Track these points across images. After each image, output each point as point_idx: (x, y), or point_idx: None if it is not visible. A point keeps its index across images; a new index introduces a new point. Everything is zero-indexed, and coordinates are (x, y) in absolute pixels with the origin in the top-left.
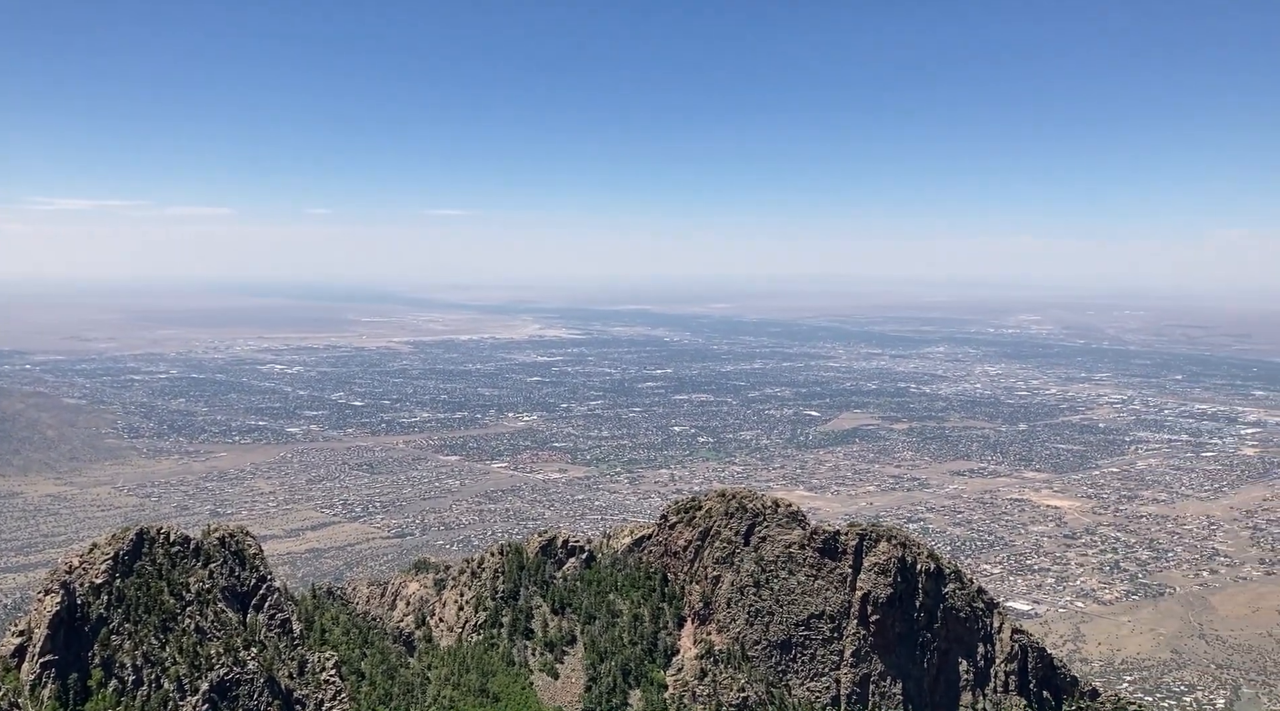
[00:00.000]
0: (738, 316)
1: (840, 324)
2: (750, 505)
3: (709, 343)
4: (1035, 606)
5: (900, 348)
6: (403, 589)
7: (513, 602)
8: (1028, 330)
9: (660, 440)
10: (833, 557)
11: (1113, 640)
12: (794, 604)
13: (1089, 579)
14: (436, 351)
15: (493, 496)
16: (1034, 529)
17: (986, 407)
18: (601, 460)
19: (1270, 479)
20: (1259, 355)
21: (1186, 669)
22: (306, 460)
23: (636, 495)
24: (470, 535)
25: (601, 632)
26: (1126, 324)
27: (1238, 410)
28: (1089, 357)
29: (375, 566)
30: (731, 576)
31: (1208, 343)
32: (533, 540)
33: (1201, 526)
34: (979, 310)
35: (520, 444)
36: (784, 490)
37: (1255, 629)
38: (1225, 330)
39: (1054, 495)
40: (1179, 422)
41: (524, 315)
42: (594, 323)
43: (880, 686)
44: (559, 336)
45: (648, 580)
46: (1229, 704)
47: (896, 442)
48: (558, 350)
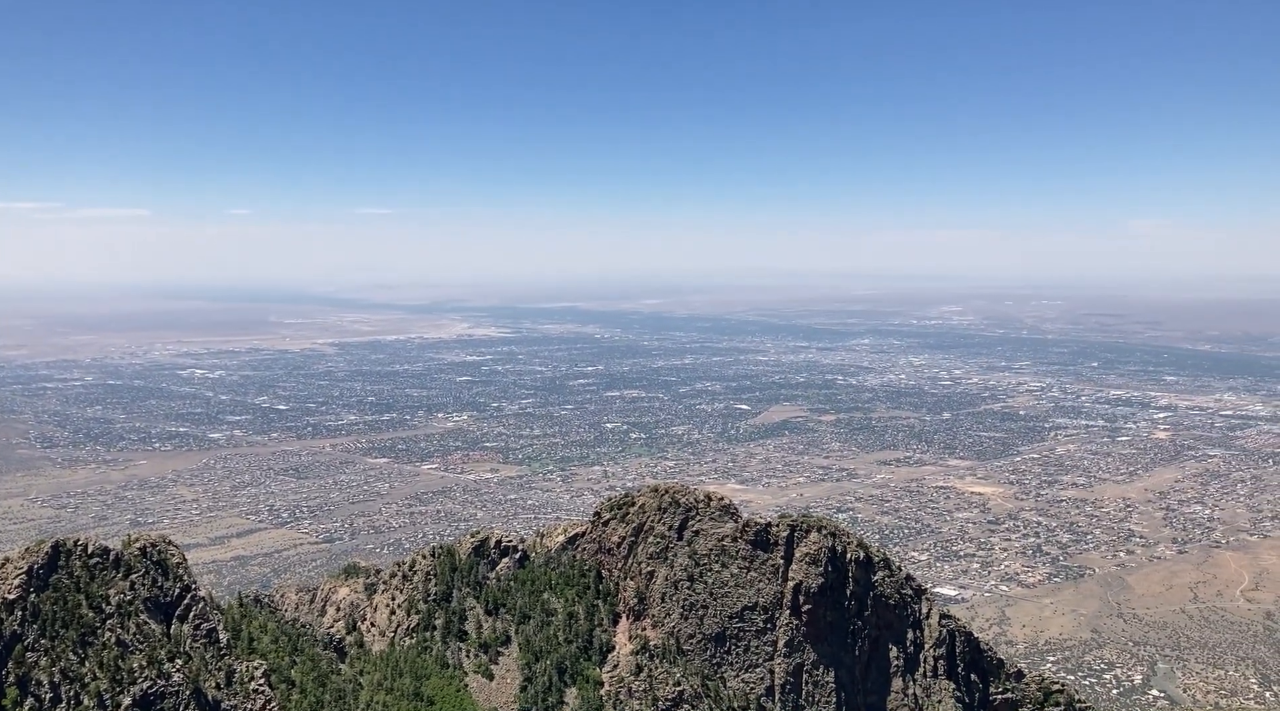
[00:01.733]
0: (668, 312)
1: (768, 318)
2: (683, 500)
3: (639, 339)
4: (962, 591)
5: (827, 340)
6: (332, 594)
7: (445, 605)
8: (950, 321)
9: (592, 437)
10: (765, 549)
11: (1036, 622)
12: (727, 596)
13: (1013, 563)
14: (363, 352)
15: (423, 498)
16: (959, 516)
17: (911, 398)
18: (534, 459)
19: (1181, 461)
20: (1170, 342)
21: (1106, 647)
22: (230, 466)
23: (569, 493)
24: (401, 538)
25: (536, 632)
26: (1044, 313)
27: (1150, 395)
28: (1009, 347)
29: (304, 572)
30: (665, 571)
31: (1121, 330)
32: (465, 541)
33: (1118, 509)
34: (903, 302)
35: (451, 444)
36: (716, 484)
37: (1169, 606)
38: (1138, 318)
39: (978, 482)
40: (1095, 409)
41: (452, 314)
42: (524, 321)
43: (813, 675)
44: (488, 335)
45: (582, 578)
46: (1146, 679)
47: (825, 434)
48: (487, 349)
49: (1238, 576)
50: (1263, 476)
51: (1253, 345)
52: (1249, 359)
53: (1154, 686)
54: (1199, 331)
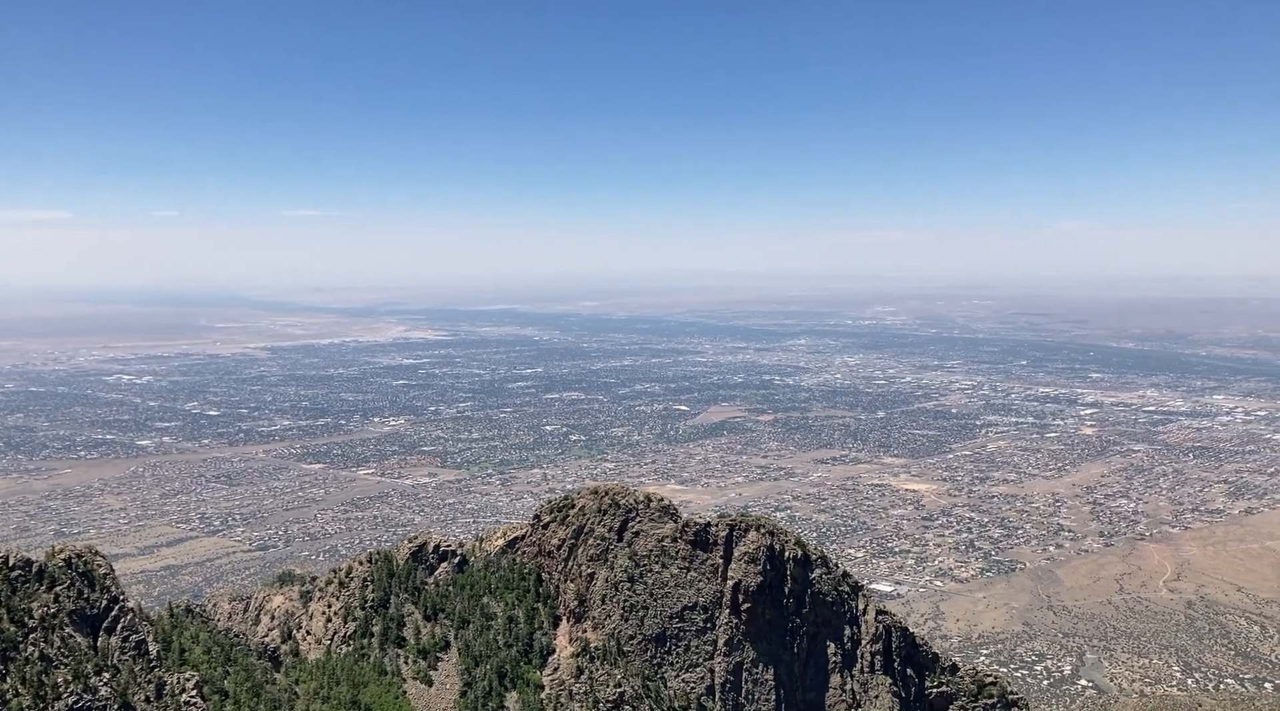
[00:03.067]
0: (606, 314)
1: (706, 319)
2: (623, 501)
3: (578, 340)
4: (897, 587)
5: (764, 341)
6: (267, 603)
7: (383, 611)
8: (884, 321)
9: (532, 440)
10: (704, 549)
11: (970, 616)
12: (668, 597)
13: (946, 558)
14: (296, 356)
15: (359, 504)
16: (894, 512)
17: (847, 397)
18: (472, 462)
19: (1107, 456)
20: (1095, 340)
21: (1037, 639)
22: (159, 474)
23: (509, 496)
24: (337, 544)
25: (476, 636)
26: (975, 313)
27: (1077, 392)
28: (941, 346)
29: (237, 581)
30: (606, 573)
31: (1049, 329)
32: (403, 546)
33: (1047, 503)
34: (838, 303)
35: (387, 449)
36: (656, 485)
37: (1097, 598)
38: (1065, 317)
39: (912, 479)
40: (1025, 406)
41: (388, 317)
42: (461, 323)
43: (753, 673)
44: (425, 338)
45: (522, 581)
46: (1075, 669)
47: (763, 434)
48: (424, 352)
49: (1161, 567)
50: (1184, 470)
51: (1174, 343)
52: (1170, 356)
53: (1083, 676)
54: (1123, 330)
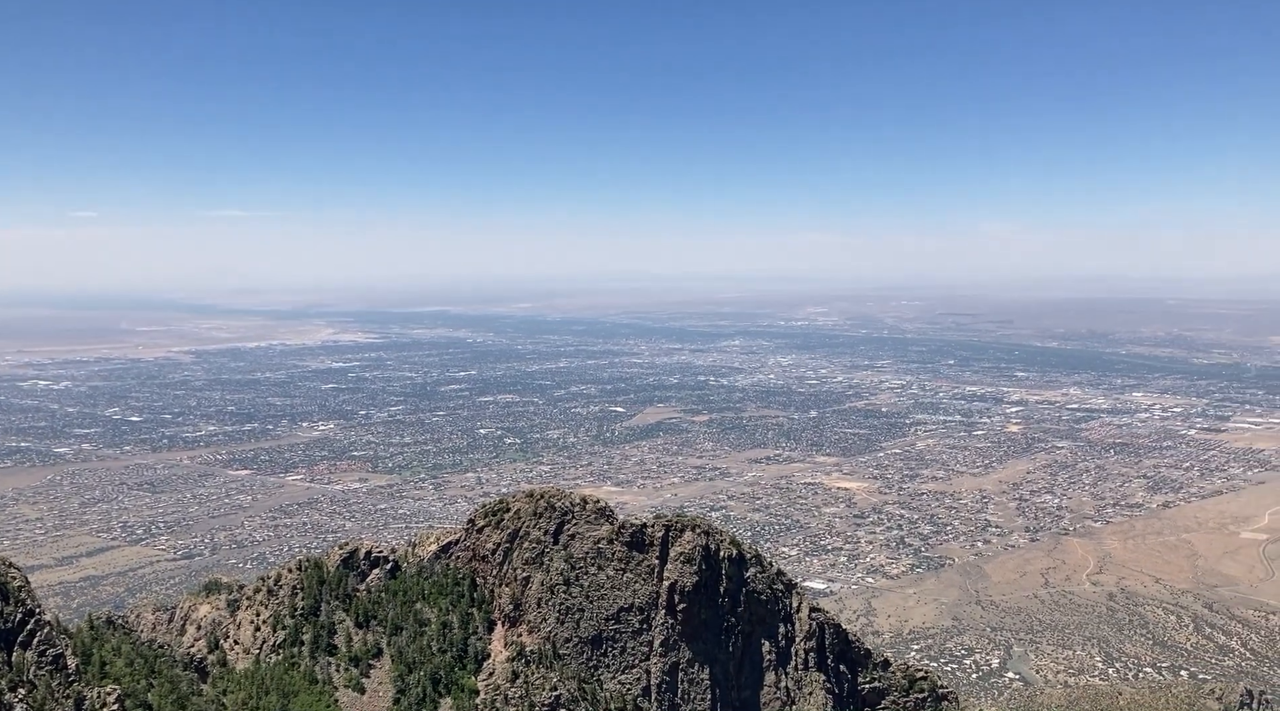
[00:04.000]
0: (541, 316)
1: (642, 320)
2: (558, 504)
3: (513, 343)
4: (830, 584)
5: (699, 342)
6: (192, 612)
7: (314, 619)
8: (815, 322)
9: (465, 443)
10: (640, 550)
11: (901, 611)
12: (604, 599)
13: (878, 555)
14: (222, 360)
15: (288, 510)
16: (827, 510)
17: (780, 397)
18: (404, 467)
19: (1032, 453)
20: (1020, 340)
21: (966, 634)
22: (79, 482)
23: (442, 501)
24: (265, 552)
25: (409, 643)
26: (904, 314)
27: (1003, 391)
28: (871, 346)
29: (161, 591)
30: (541, 576)
31: (975, 329)
32: (333, 553)
33: (975, 500)
34: (771, 304)
35: (316, 454)
36: (592, 487)
37: (1023, 592)
38: (990, 317)
39: (844, 477)
40: (952, 404)
41: (317, 320)
42: (392, 325)
43: (689, 673)
44: (355, 341)
45: (456, 586)
46: (1003, 662)
47: (698, 434)
48: (354, 355)
49: (1084, 561)
50: (1105, 466)
51: (1095, 342)
52: (1092, 355)
53: (1010, 669)
54: (1047, 329)
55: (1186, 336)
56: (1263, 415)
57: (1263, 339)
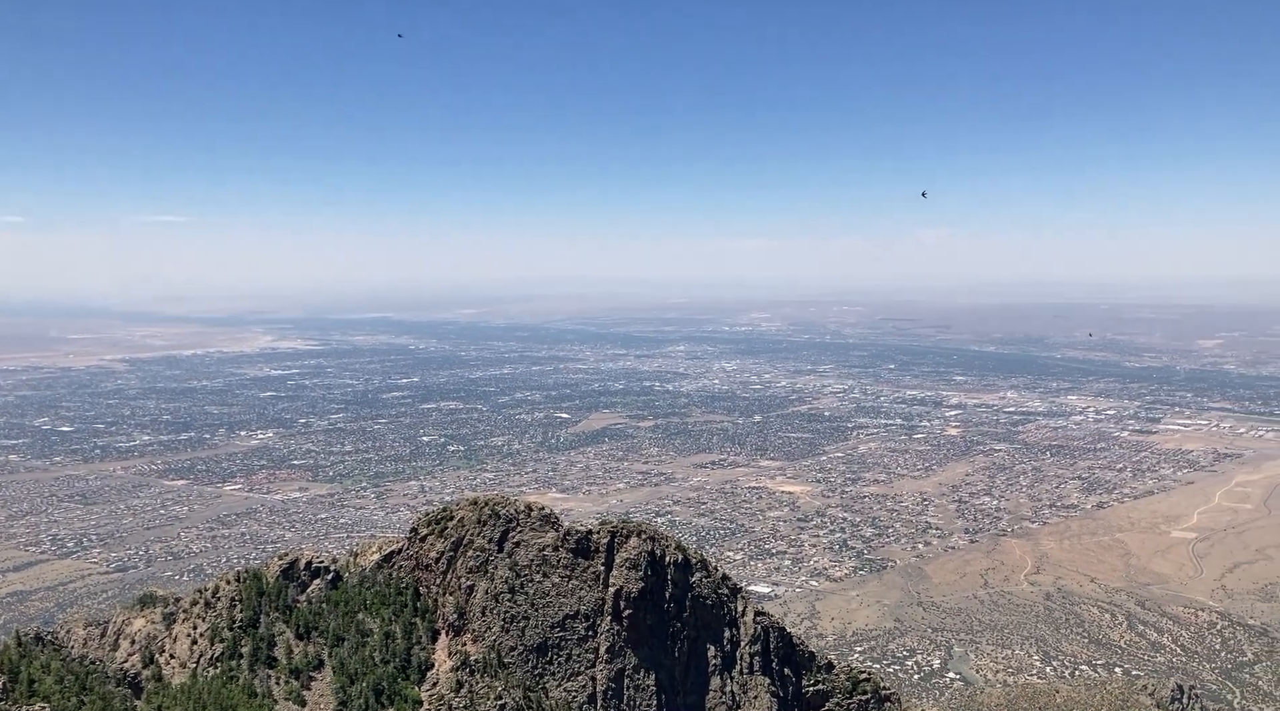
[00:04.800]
0: (485, 321)
1: (587, 326)
2: (503, 511)
3: (456, 349)
4: (775, 588)
5: (644, 347)
6: (126, 627)
7: (253, 631)
8: (759, 327)
9: (408, 451)
10: (586, 557)
11: (844, 614)
12: (549, 606)
13: (821, 558)
14: (157, 368)
15: (226, 521)
16: (771, 514)
17: (725, 402)
18: (345, 475)
19: (971, 456)
20: (959, 344)
21: (908, 635)
22: (6, 494)
23: (384, 509)
24: (202, 563)
25: (351, 654)
26: (845, 319)
27: (942, 395)
28: (813, 351)
29: (93, 605)
30: (486, 584)
31: (915, 334)
32: (273, 563)
33: (916, 502)
34: (715, 310)
35: (255, 463)
36: (537, 493)
37: (963, 593)
38: (930, 322)
39: (788, 481)
40: (893, 408)
41: (255, 326)
42: (333, 332)
43: (634, 679)
44: (294, 348)
45: (399, 596)
46: (944, 662)
47: (643, 440)
48: (293, 362)
49: (1022, 562)
50: (1042, 468)
51: (1031, 346)
52: (1028, 359)
53: (951, 669)
54: (984, 334)
55: (1119, 341)
56: (1191, 417)
57: (1191, 342)
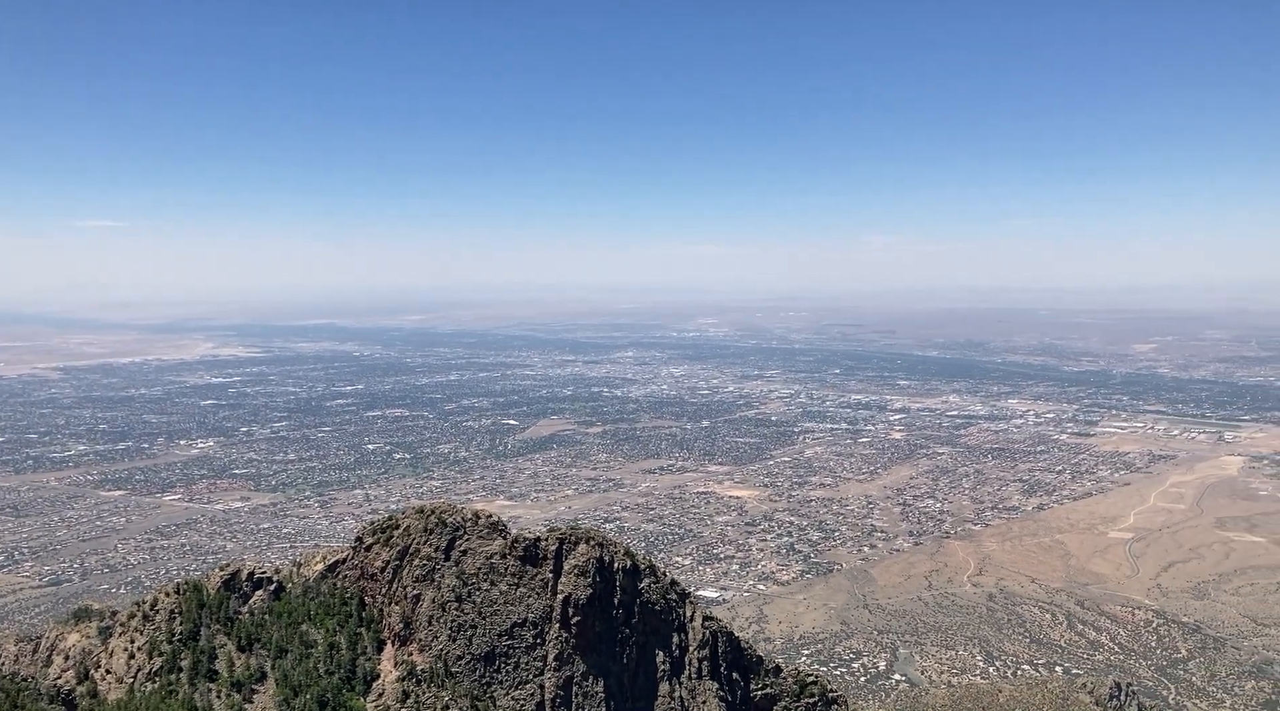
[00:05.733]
0: (431, 328)
1: (535, 332)
2: (450, 519)
3: (402, 356)
4: (723, 592)
5: (593, 353)
6: (60, 642)
7: (193, 644)
8: (707, 333)
9: (353, 459)
10: (534, 564)
11: (791, 617)
12: (497, 614)
13: (769, 562)
14: (93, 377)
15: (165, 532)
16: (719, 519)
17: (673, 407)
18: (289, 484)
19: (915, 459)
20: (903, 349)
21: (854, 637)
22: None
23: (329, 519)
24: (141, 576)
25: (294, 665)
26: (791, 324)
27: (886, 399)
28: (761, 356)
29: (25, 620)
30: (433, 593)
31: (860, 339)
32: (214, 575)
33: (861, 506)
34: (663, 315)
35: (195, 473)
36: (484, 501)
37: (908, 595)
38: (874, 327)
39: (735, 486)
40: (839, 412)
41: (195, 333)
42: (275, 339)
43: (583, 686)
44: (236, 355)
45: (344, 606)
46: (889, 665)
47: (592, 445)
48: (235, 370)
49: (965, 563)
50: (984, 470)
51: (972, 350)
52: (969, 363)
53: (896, 671)
54: (927, 339)
55: (1058, 345)
56: (1127, 420)
57: (1126, 346)
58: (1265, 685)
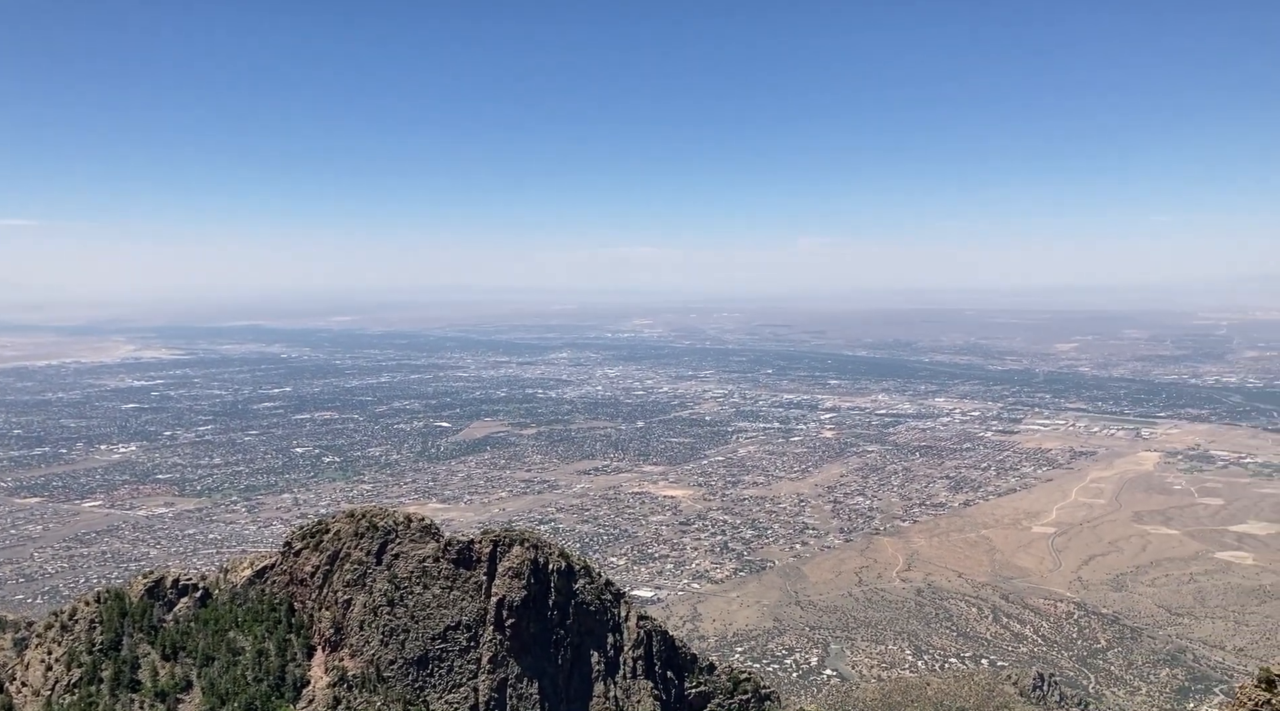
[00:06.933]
0: (361, 329)
1: (467, 334)
2: (381, 523)
3: (331, 358)
4: (658, 592)
5: (527, 355)
6: None
7: (115, 654)
8: (641, 334)
9: (281, 463)
10: (467, 567)
11: (725, 615)
12: (430, 618)
13: (703, 561)
14: (6, 380)
15: (85, 539)
16: (654, 519)
17: (608, 408)
18: (214, 489)
19: (845, 457)
20: (833, 349)
21: (787, 634)
22: None
23: (256, 524)
24: (59, 584)
25: (221, 673)
26: (725, 325)
27: (817, 398)
28: (695, 357)
29: None
30: (364, 598)
31: (792, 339)
32: (137, 582)
33: (793, 504)
34: (598, 316)
35: (117, 478)
36: (417, 504)
37: (838, 591)
38: (806, 328)
39: (670, 486)
40: (771, 412)
41: (115, 335)
42: (199, 341)
43: (518, 688)
44: (159, 357)
45: (273, 612)
46: (821, 660)
47: (526, 447)
48: (157, 372)
49: (894, 559)
50: (912, 468)
51: (900, 350)
52: (898, 363)
53: (828, 666)
54: (856, 339)
55: (983, 345)
56: (1050, 417)
57: (1049, 346)
58: (1179, 672)
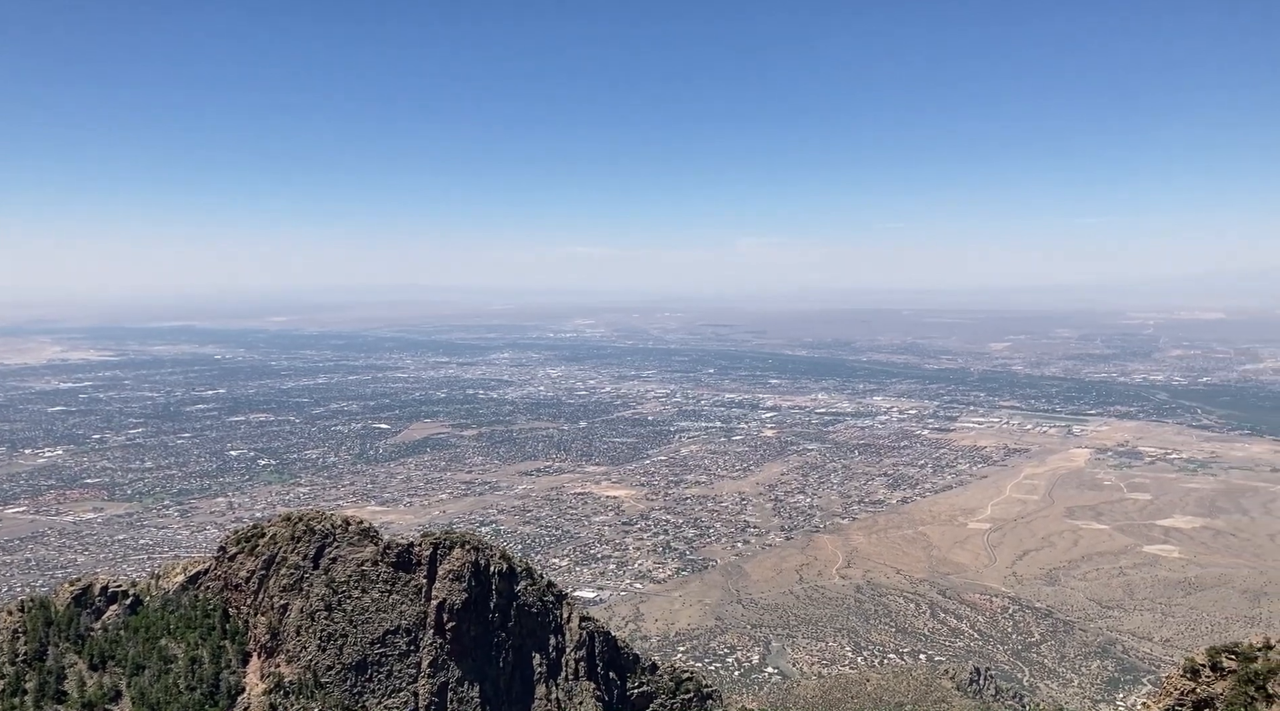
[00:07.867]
0: (297, 330)
1: (407, 334)
2: (318, 527)
3: (266, 359)
4: (600, 592)
5: (467, 355)
6: None
7: (39, 664)
8: (584, 334)
9: (215, 466)
10: (407, 570)
11: (667, 615)
12: (369, 622)
13: (645, 561)
14: None
15: (8, 547)
16: (596, 519)
17: (550, 408)
18: (146, 493)
19: (786, 456)
20: (774, 349)
21: (729, 632)
22: None
23: (189, 528)
24: None
25: (152, 682)
26: (666, 325)
27: (759, 398)
28: (637, 357)
29: None
30: (301, 602)
31: (733, 339)
32: (63, 590)
33: (735, 503)
34: (539, 316)
35: (42, 483)
36: (355, 507)
37: (780, 589)
38: (747, 328)
39: (613, 486)
40: (713, 411)
41: (40, 336)
42: (129, 342)
43: (458, 692)
44: (86, 358)
45: (206, 618)
46: (763, 658)
47: (467, 448)
48: (85, 374)
49: (834, 556)
50: (851, 466)
51: (840, 350)
52: (837, 362)
53: (769, 664)
54: (796, 339)
55: (920, 344)
56: (984, 416)
57: (984, 346)
58: (1109, 664)
